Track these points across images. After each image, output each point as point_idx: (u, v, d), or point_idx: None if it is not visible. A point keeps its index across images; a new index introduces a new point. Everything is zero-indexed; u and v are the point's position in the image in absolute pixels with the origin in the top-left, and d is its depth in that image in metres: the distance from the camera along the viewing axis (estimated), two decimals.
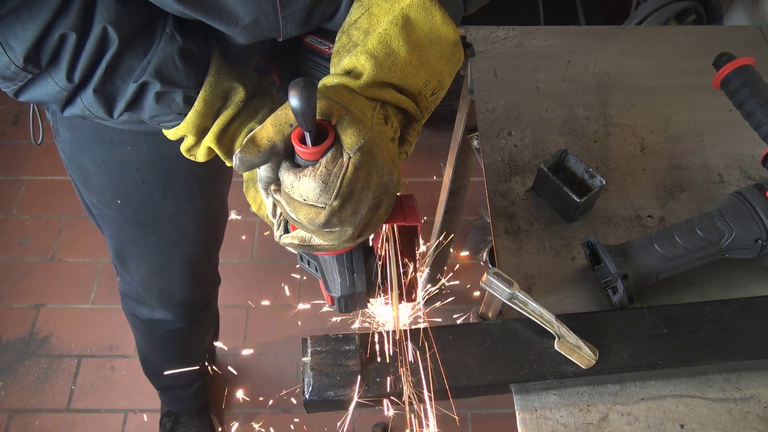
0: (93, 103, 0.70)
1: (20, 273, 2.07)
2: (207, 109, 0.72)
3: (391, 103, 0.68)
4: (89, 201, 1.08)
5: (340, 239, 0.63)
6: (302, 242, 0.66)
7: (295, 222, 0.63)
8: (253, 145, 0.59)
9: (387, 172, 0.63)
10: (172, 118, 0.73)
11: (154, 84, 0.69)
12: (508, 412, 1.88)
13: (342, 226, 0.62)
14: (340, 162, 0.58)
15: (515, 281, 0.80)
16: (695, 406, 0.83)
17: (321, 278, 0.75)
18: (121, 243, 1.14)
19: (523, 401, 0.83)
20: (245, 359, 1.94)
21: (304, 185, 0.59)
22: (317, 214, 0.59)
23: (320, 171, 0.58)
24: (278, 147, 0.59)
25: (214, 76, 0.72)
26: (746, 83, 0.96)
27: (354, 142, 0.59)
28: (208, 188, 1.10)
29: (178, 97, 0.71)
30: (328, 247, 0.66)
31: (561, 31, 1.30)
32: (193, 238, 1.15)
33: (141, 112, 0.72)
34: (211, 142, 0.73)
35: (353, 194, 0.60)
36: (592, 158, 1.09)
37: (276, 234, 0.73)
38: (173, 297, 1.26)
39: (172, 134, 0.74)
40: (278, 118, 0.59)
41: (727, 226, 0.88)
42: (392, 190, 0.64)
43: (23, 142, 2.37)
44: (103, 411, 1.84)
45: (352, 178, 0.59)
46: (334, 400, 0.77)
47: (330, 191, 0.58)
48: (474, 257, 2.16)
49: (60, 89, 0.68)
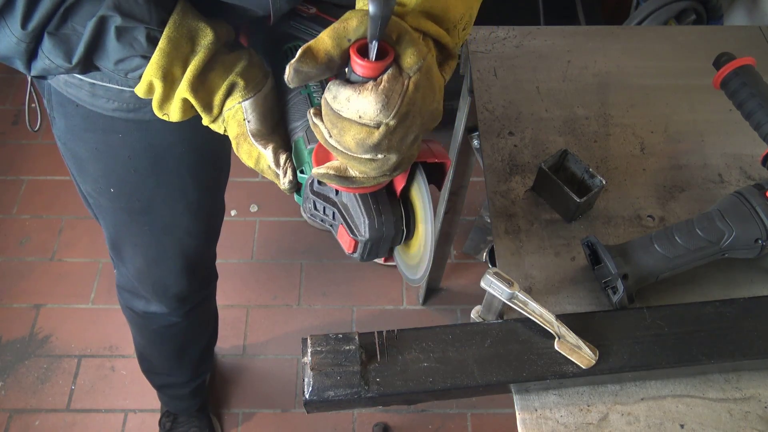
0: (51, 50, 0.67)
1: (20, 273, 2.07)
2: (172, 49, 0.68)
3: (432, 36, 0.66)
4: (85, 190, 1.08)
5: (382, 168, 0.62)
6: (338, 172, 0.63)
7: (335, 148, 0.61)
8: (311, 57, 0.57)
9: (437, 99, 0.62)
10: (137, 63, 0.69)
11: (114, 17, 0.65)
12: (508, 412, 1.88)
13: (388, 152, 0.60)
14: (400, 80, 0.58)
15: (515, 281, 0.80)
16: (695, 406, 0.83)
17: (342, 223, 0.72)
18: (116, 232, 1.14)
19: (523, 401, 0.83)
20: (245, 359, 1.94)
21: (364, 100, 0.57)
22: (369, 134, 0.58)
23: (383, 86, 0.57)
24: (335, 61, 0.58)
25: (179, 14, 0.68)
26: (746, 83, 0.96)
27: (414, 62, 0.58)
28: (202, 180, 1.09)
29: (141, 36, 0.67)
30: (363, 180, 0.64)
31: (561, 31, 1.30)
32: (188, 230, 1.15)
33: (104, 56, 0.69)
34: (185, 91, 0.70)
35: (408, 116, 0.59)
36: (592, 158, 1.09)
37: (282, 182, 0.71)
38: (168, 289, 1.26)
39: (141, 87, 0.71)
40: (337, 30, 0.57)
41: (727, 226, 0.88)
42: (435, 122, 0.64)
43: (23, 142, 2.37)
44: (103, 411, 1.84)
45: (412, 97, 0.58)
46: (334, 400, 0.77)
47: (390, 108, 0.57)
48: (474, 257, 2.16)
49: (17, 40, 0.65)
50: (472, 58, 1.23)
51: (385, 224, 0.70)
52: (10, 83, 2.52)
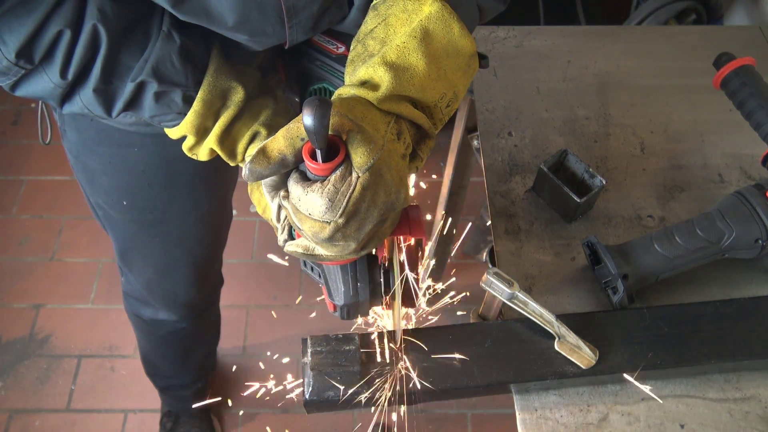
0: (92, 102, 0.69)
1: (20, 273, 2.07)
2: (206, 109, 0.71)
3: (406, 118, 0.67)
4: (95, 202, 1.08)
5: (344, 252, 0.64)
6: (306, 251, 0.66)
7: (300, 231, 0.63)
8: (264, 157, 0.59)
9: (394, 191, 0.62)
10: (172, 117, 0.72)
11: (152, 84, 0.68)
12: (508, 412, 1.88)
13: (345, 241, 0.62)
14: (348, 180, 0.59)
15: (515, 281, 0.80)
16: (695, 406, 0.83)
17: (324, 285, 0.75)
18: (127, 244, 1.14)
19: (523, 401, 0.83)
20: (245, 359, 1.94)
21: (311, 200, 0.59)
22: (321, 229, 0.60)
23: (328, 188, 0.58)
24: (288, 160, 0.59)
25: (212, 75, 0.71)
26: (746, 83, 0.96)
27: (364, 162, 0.59)
28: (214, 190, 1.09)
29: (177, 97, 0.70)
30: (331, 257, 0.66)
31: (561, 31, 1.30)
32: (199, 240, 1.15)
33: (140, 111, 0.72)
34: (213, 143, 0.73)
35: (358, 212, 0.60)
36: (592, 158, 1.09)
37: (279, 238, 0.73)
38: (177, 298, 1.26)
39: (173, 133, 0.74)
40: (290, 131, 0.59)
41: (727, 226, 0.88)
42: (398, 207, 0.64)
43: (23, 142, 2.37)
44: (103, 411, 1.84)
45: (359, 197, 0.59)
46: (334, 400, 0.77)
47: (336, 209, 0.58)
48: (474, 257, 2.16)
49: (54, 86, 0.67)
50: None
51: (360, 292, 0.72)
52: None
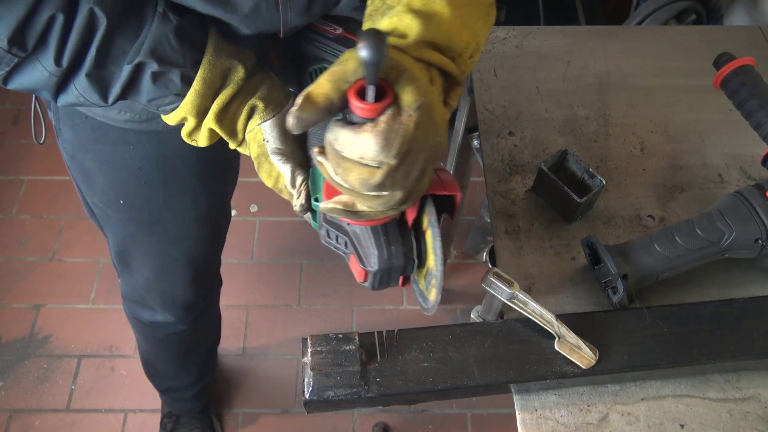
0: (87, 89, 0.68)
1: (20, 273, 2.07)
2: (206, 89, 0.69)
3: (436, 65, 0.66)
4: (91, 201, 1.07)
5: (388, 204, 0.61)
6: (346, 207, 0.63)
7: (340, 185, 0.60)
8: (310, 103, 0.56)
9: (440, 133, 0.61)
10: (170, 100, 0.71)
11: (150, 64, 0.66)
12: (508, 412, 1.88)
13: (393, 189, 0.59)
14: (399, 120, 0.57)
15: (515, 281, 0.80)
16: (695, 406, 0.83)
17: (353, 253, 0.71)
18: (124, 244, 1.13)
19: (523, 401, 0.83)
20: (245, 359, 1.94)
21: (363, 141, 0.56)
22: (372, 174, 0.57)
23: (381, 128, 0.56)
24: (335, 104, 0.57)
25: (212, 54, 0.70)
26: (746, 83, 0.96)
27: (414, 100, 0.57)
28: (212, 190, 1.09)
29: (176, 77, 0.69)
30: (371, 213, 0.63)
31: (561, 31, 1.30)
32: (197, 239, 1.14)
33: (138, 95, 0.70)
34: (212, 122, 0.72)
35: (410, 154, 0.58)
36: (592, 158, 1.09)
37: (296, 203, 0.70)
38: (176, 299, 1.25)
39: (172, 118, 0.72)
40: (335, 74, 0.57)
41: (727, 226, 0.88)
42: (440, 154, 0.63)
43: (23, 141, 2.37)
44: (103, 411, 1.84)
45: (412, 136, 0.57)
46: (334, 400, 0.77)
47: (390, 149, 0.56)
48: (474, 257, 2.16)
49: (49, 74, 0.66)
50: None
51: (394, 256, 0.69)
52: None
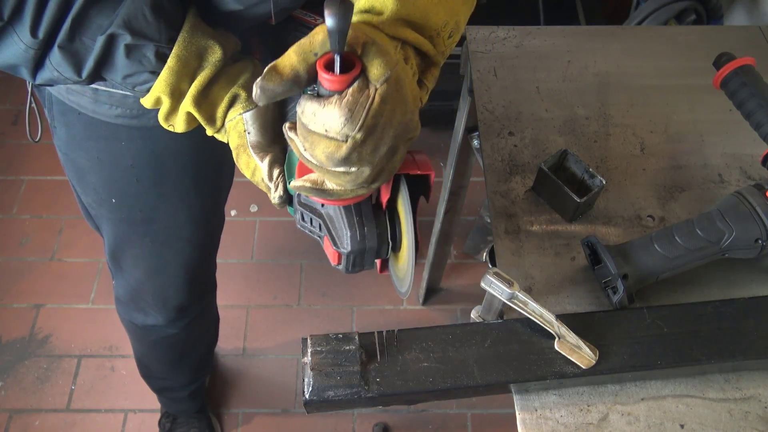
0: (60, 62, 0.67)
1: (20, 273, 2.07)
2: (181, 67, 0.68)
3: (411, 44, 0.66)
4: (86, 201, 1.07)
5: (356, 181, 0.61)
6: (314, 185, 0.63)
7: (309, 162, 0.60)
8: (276, 73, 0.56)
9: (410, 110, 0.61)
10: (145, 78, 0.70)
11: (124, 36, 0.65)
12: (508, 412, 1.88)
13: (360, 165, 0.59)
14: (366, 92, 0.57)
15: (515, 281, 0.80)
16: (695, 406, 0.83)
17: (327, 235, 0.72)
18: (117, 244, 1.13)
19: (523, 401, 0.83)
20: (245, 359, 1.94)
21: (328, 113, 0.56)
22: (338, 148, 0.57)
23: (346, 99, 0.56)
24: (301, 76, 0.57)
25: (188, 32, 0.69)
26: (746, 83, 0.96)
27: (381, 73, 0.57)
28: (205, 190, 1.09)
29: (150, 52, 0.67)
30: (340, 191, 0.63)
31: (561, 31, 1.30)
32: (189, 241, 1.14)
33: (113, 71, 0.69)
34: (189, 106, 0.70)
35: (376, 128, 0.58)
36: (592, 158, 1.09)
37: (273, 197, 0.70)
38: (168, 301, 1.25)
39: (148, 99, 0.71)
40: (302, 46, 0.57)
41: (727, 226, 0.88)
42: (411, 133, 0.63)
43: (23, 141, 2.37)
44: (103, 411, 1.84)
45: (378, 110, 0.57)
46: (334, 400, 0.77)
47: (355, 121, 0.56)
48: (474, 257, 2.16)
49: (26, 47, 0.65)
50: (472, 58, 1.23)
51: (367, 236, 0.69)
52: (10, 83, 2.52)
